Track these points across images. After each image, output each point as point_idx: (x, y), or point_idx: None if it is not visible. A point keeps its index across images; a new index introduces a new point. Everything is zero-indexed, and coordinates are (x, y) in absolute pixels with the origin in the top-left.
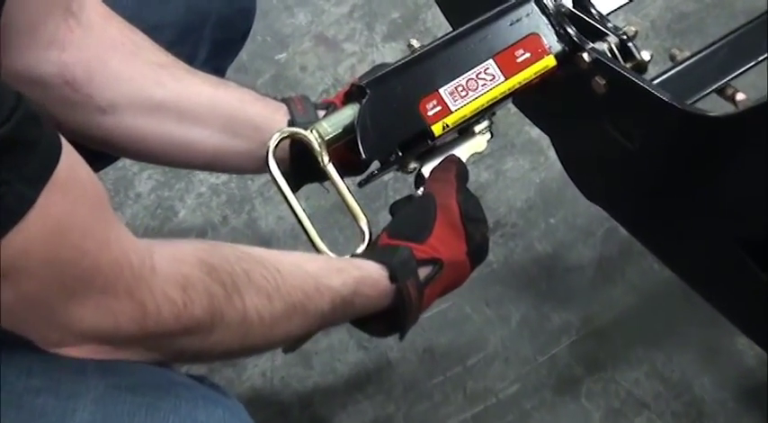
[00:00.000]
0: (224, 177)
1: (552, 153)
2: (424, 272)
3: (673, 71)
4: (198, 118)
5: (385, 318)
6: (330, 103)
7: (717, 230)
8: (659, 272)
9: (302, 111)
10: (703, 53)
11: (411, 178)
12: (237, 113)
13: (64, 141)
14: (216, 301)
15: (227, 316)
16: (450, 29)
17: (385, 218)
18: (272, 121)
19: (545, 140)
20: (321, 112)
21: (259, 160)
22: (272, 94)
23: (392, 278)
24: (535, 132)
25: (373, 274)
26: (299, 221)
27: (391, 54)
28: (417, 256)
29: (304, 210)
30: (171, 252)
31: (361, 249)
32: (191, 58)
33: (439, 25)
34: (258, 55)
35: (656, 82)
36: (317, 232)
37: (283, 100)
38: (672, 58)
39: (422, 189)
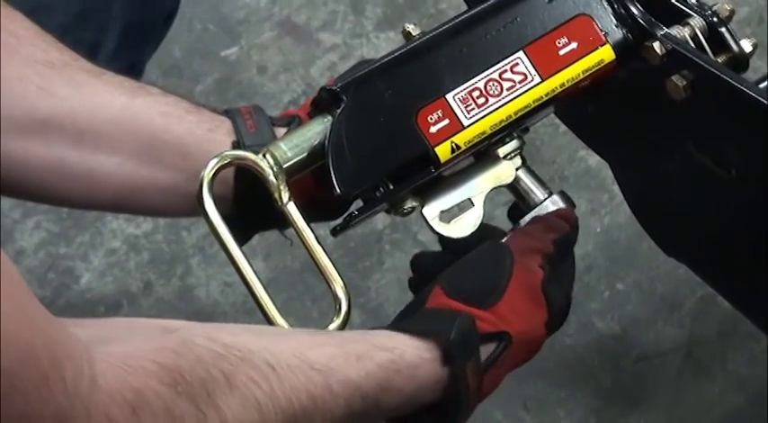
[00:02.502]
0: (147, 226)
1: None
2: (486, 350)
3: None
4: (103, 139)
5: (428, 412)
6: (293, 116)
7: None
8: None
9: (253, 127)
10: None
11: (416, 226)
12: (160, 133)
13: None
14: None
15: None
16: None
17: (377, 283)
18: (209, 142)
19: (610, 171)
20: (281, 131)
21: (190, 198)
22: (215, 105)
23: (446, 358)
24: (595, 159)
25: (409, 355)
26: (250, 290)
27: (388, 48)
28: (481, 329)
29: (258, 273)
30: (120, 354)
31: (334, 326)
32: (94, 49)
33: (456, 6)
34: (197, 50)
35: (765, 84)
36: (277, 307)
37: (226, 113)
38: None
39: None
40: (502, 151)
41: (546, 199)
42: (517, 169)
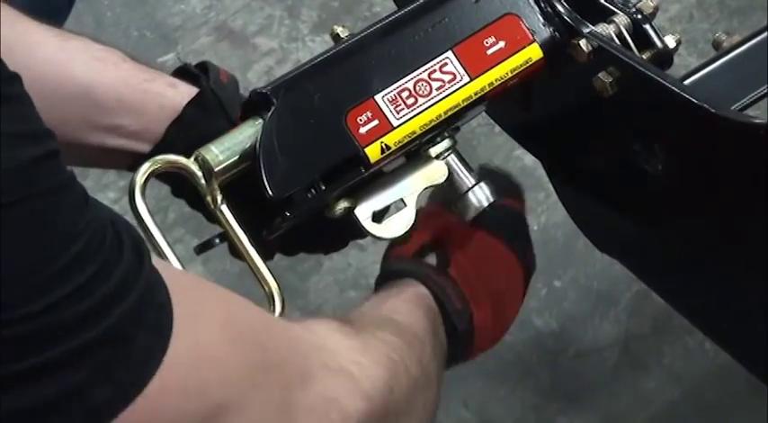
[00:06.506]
0: None
1: None
2: None
3: (717, 64)
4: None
5: None
6: None
7: None
8: (712, 355)
9: (226, 78)
10: (760, 38)
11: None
12: (95, 76)
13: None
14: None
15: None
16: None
17: (316, 285)
18: (144, 93)
19: None
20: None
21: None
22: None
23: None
24: (530, 158)
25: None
26: None
27: None
28: None
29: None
30: None
31: None
32: None
33: (391, 10)
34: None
35: (694, 78)
36: None
37: (200, 65)
38: (716, 45)
39: None
40: (434, 151)
41: (474, 185)
42: (447, 155)
